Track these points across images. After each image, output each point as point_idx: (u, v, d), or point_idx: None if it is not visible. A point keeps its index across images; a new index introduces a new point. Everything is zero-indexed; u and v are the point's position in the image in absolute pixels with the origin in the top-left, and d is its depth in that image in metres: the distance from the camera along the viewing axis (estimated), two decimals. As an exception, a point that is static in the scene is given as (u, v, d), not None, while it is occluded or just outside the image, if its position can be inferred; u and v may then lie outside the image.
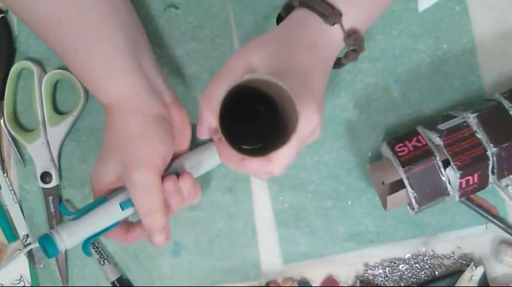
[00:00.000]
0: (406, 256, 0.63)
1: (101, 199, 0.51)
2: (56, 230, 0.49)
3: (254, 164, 0.45)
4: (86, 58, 0.49)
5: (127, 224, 0.53)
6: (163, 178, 0.49)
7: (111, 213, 0.50)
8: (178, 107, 0.55)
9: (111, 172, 0.50)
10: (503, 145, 0.55)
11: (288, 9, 0.50)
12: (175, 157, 0.55)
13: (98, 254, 0.61)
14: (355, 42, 0.48)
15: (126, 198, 0.50)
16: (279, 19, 0.53)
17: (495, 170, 0.56)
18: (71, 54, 0.50)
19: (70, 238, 0.49)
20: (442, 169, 0.56)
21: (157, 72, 0.54)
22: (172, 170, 0.52)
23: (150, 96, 0.51)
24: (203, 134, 0.48)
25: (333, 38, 0.48)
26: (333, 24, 0.47)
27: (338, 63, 0.52)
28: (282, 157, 0.45)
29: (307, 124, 0.44)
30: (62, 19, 0.48)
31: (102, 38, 0.49)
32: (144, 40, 0.55)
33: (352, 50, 0.50)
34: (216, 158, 0.54)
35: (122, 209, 0.50)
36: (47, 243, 0.48)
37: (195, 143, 0.57)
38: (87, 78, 0.51)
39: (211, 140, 0.52)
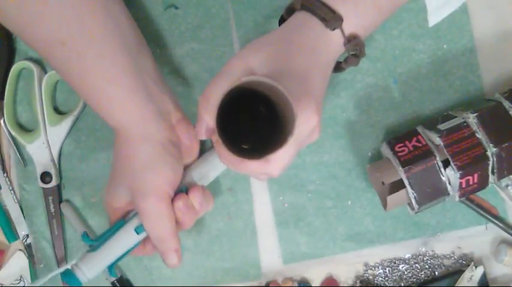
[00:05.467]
0: (406, 256, 0.63)
1: (118, 223, 0.51)
2: (77, 264, 0.50)
3: (252, 165, 0.45)
4: (90, 81, 0.48)
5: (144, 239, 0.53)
6: (173, 198, 0.50)
7: (127, 239, 0.51)
8: (186, 124, 0.53)
9: (121, 198, 0.51)
10: (503, 145, 0.55)
11: (290, 12, 0.50)
12: (184, 169, 0.54)
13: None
14: (355, 47, 0.48)
15: (140, 223, 0.50)
16: (282, 21, 0.52)
17: (495, 170, 0.56)
18: (75, 76, 0.49)
19: (91, 270, 0.50)
20: (442, 169, 0.55)
21: (163, 91, 0.52)
22: (182, 187, 0.52)
23: (157, 119, 0.50)
24: (201, 135, 0.48)
25: (333, 42, 0.47)
26: (333, 29, 0.46)
27: (338, 68, 0.51)
28: (280, 158, 0.45)
29: (306, 125, 0.44)
30: (65, 42, 0.47)
31: (106, 60, 0.48)
32: (148, 56, 0.53)
33: (352, 55, 0.49)
34: (222, 164, 0.53)
35: (137, 234, 0.51)
36: (69, 279, 0.50)
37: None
38: (93, 100, 0.50)
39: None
